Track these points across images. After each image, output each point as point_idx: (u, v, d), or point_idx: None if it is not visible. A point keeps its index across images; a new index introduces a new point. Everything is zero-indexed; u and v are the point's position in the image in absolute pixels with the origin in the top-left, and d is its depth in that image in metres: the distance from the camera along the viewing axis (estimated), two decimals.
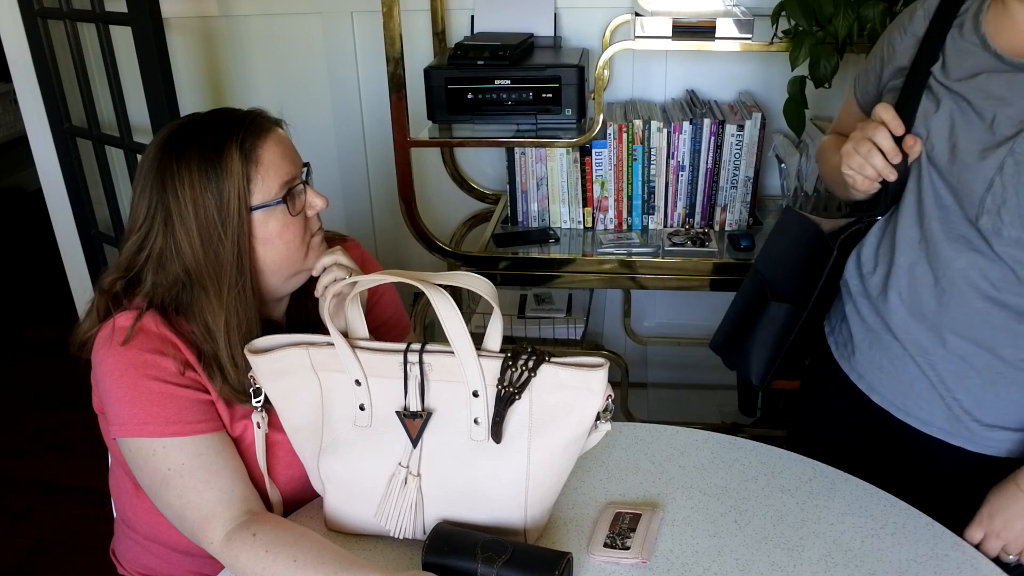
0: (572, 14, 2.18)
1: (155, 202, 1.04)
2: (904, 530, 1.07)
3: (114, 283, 1.09)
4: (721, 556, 1.03)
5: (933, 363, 1.14)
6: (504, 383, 0.96)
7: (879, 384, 1.22)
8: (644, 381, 2.56)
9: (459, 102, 1.88)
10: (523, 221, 2.14)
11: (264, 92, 2.43)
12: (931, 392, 1.15)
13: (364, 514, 1.06)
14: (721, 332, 1.37)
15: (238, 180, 1.03)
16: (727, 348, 1.37)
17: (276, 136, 1.09)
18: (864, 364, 1.23)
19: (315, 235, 1.13)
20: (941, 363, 1.13)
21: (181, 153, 1.03)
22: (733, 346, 1.35)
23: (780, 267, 1.29)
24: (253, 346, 1.03)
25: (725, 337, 1.37)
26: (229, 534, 1.01)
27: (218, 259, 1.04)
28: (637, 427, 1.28)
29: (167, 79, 1.96)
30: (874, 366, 1.22)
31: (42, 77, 2.28)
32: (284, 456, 1.11)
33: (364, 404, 1.02)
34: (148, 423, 1.03)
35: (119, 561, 1.29)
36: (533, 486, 1.01)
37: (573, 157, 2.03)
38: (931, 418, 1.16)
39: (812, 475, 1.17)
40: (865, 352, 1.23)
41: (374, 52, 2.31)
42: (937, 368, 1.14)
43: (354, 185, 2.48)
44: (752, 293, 1.32)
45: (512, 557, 0.94)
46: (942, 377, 1.14)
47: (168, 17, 2.15)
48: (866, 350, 1.22)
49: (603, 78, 1.85)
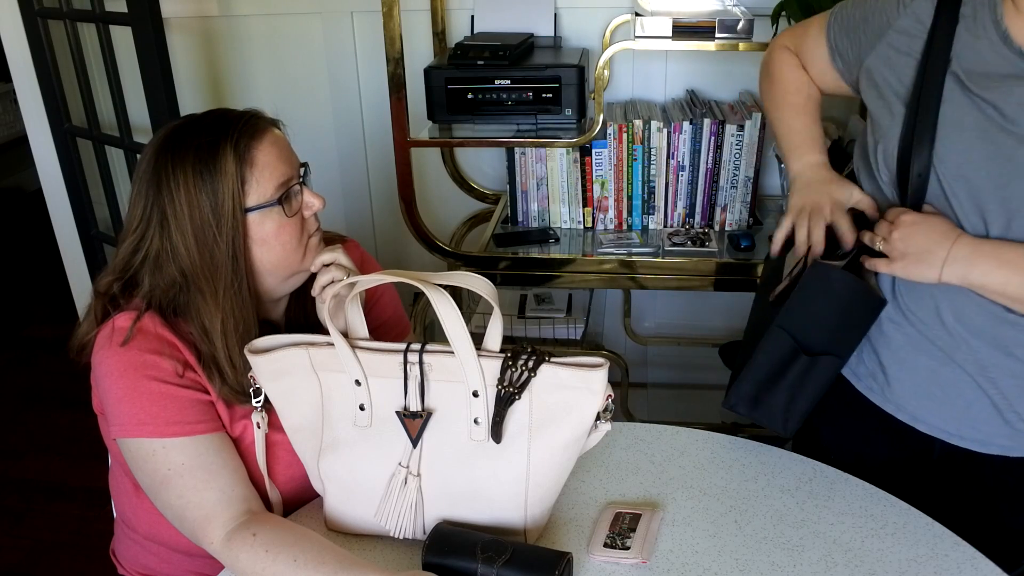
0: (572, 14, 2.18)
1: (151, 203, 1.04)
2: (904, 530, 1.07)
3: (110, 285, 1.09)
4: (721, 556, 1.03)
5: (994, 380, 1.09)
6: (504, 383, 0.96)
7: (925, 413, 1.15)
8: (644, 381, 2.57)
9: (459, 102, 1.88)
10: (523, 221, 2.14)
11: (264, 92, 2.43)
12: (991, 411, 1.11)
13: (364, 514, 1.06)
14: (740, 393, 1.21)
15: (232, 181, 1.03)
16: (748, 405, 1.22)
17: (272, 136, 1.08)
18: (905, 394, 1.16)
19: (313, 236, 1.13)
20: (1003, 379, 1.08)
21: (176, 154, 1.03)
22: (755, 403, 1.22)
23: (815, 326, 1.16)
24: (253, 346, 1.03)
25: (745, 397, 1.22)
26: (229, 534, 1.01)
27: (214, 260, 1.04)
28: (637, 427, 1.27)
29: (167, 79, 1.96)
30: (920, 394, 1.15)
31: (42, 77, 2.28)
32: (284, 456, 1.11)
33: (364, 404, 1.02)
34: (148, 423, 1.03)
35: (119, 561, 1.29)
36: (533, 486, 1.01)
37: (573, 157, 2.03)
38: (990, 438, 1.12)
39: (812, 475, 1.17)
40: (904, 381, 1.16)
41: (374, 52, 2.31)
42: (999, 385, 1.09)
43: (354, 185, 2.48)
44: (779, 353, 1.17)
45: (512, 557, 0.94)
46: (1004, 393, 1.09)
47: (168, 17, 2.15)
48: (905, 379, 1.16)
49: (603, 78, 1.86)
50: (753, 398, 1.21)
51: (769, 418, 1.20)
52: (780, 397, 1.19)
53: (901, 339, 1.14)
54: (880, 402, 1.20)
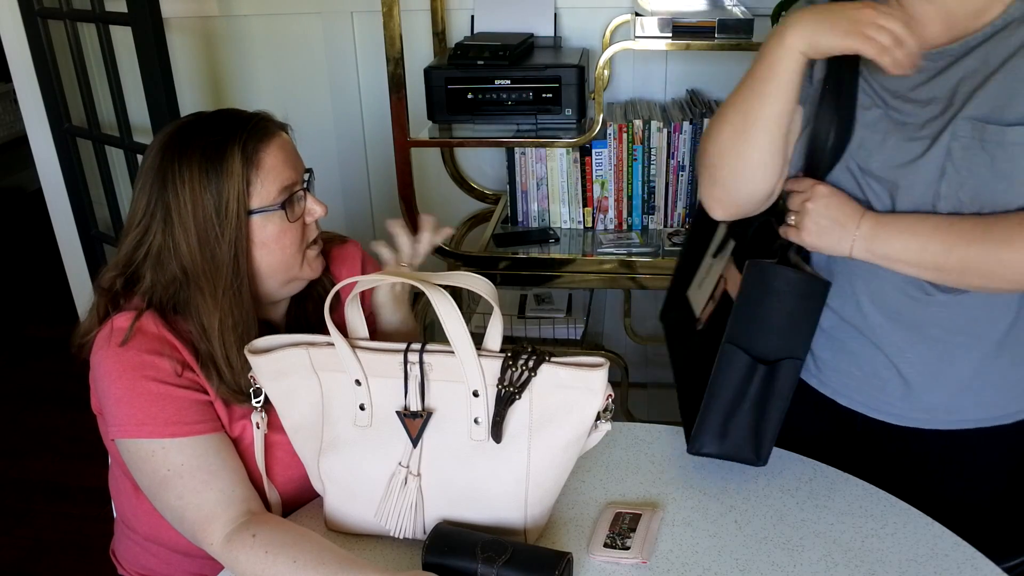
0: (572, 14, 2.18)
1: (155, 199, 1.04)
2: (904, 530, 1.07)
3: (113, 281, 1.09)
4: (721, 556, 1.03)
5: (909, 360, 1.14)
6: (504, 383, 0.96)
7: (848, 389, 1.21)
8: (644, 381, 2.56)
9: (459, 102, 1.88)
10: (523, 221, 2.14)
11: (264, 92, 2.43)
12: (905, 388, 1.15)
13: (364, 514, 1.06)
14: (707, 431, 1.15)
15: (238, 182, 1.03)
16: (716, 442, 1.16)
17: (279, 140, 1.09)
18: (828, 371, 1.22)
19: (311, 246, 1.13)
20: (916, 358, 1.13)
21: (183, 152, 1.03)
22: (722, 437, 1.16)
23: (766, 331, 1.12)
24: (253, 346, 1.03)
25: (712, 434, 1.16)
26: (229, 535, 1.01)
27: (214, 260, 1.04)
28: (637, 427, 1.27)
29: (167, 79, 1.96)
30: (842, 372, 1.20)
31: (42, 77, 2.28)
32: (283, 456, 1.11)
33: (364, 404, 1.02)
34: (146, 424, 1.03)
35: (119, 561, 1.29)
36: (533, 486, 1.01)
37: (573, 157, 2.03)
38: (906, 412, 1.17)
39: (812, 475, 1.17)
40: (828, 360, 1.22)
41: (374, 52, 2.31)
42: (914, 364, 1.14)
43: (354, 185, 2.48)
44: (736, 371, 1.12)
45: (512, 557, 0.94)
46: (918, 370, 1.14)
47: (168, 17, 2.15)
48: (828, 358, 1.21)
49: (603, 78, 1.86)
50: (720, 433, 1.15)
51: (737, 449, 1.15)
52: (744, 421, 1.14)
53: (825, 322, 1.18)
54: (805, 376, 1.24)
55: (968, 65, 1.02)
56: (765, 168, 1.08)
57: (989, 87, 1.00)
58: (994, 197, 1.01)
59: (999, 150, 1.00)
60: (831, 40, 0.99)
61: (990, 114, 1.00)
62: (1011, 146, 0.99)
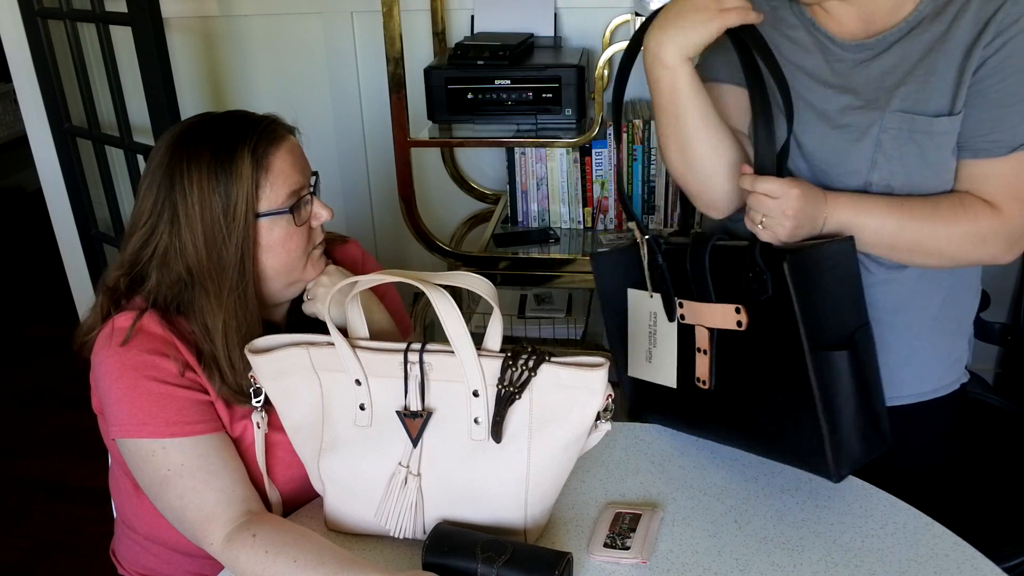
0: (572, 14, 2.18)
1: (163, 199, 1.04)
2: (904, 530, 1.07)
3: (118, 280, 1.09)
4: (721, 556, 1.03)
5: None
6: (504, 383, 0.96)
7: None
8: None
9: (459, 102, 1.88)
10: (523, 221, 2.14)
11: (264, 92, 2.43)
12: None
13: (364, 514, 1.06)
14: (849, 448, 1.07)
15: (247, 185, 1.03)
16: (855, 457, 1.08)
17: (289, 144, 1.09)
18: None
19: (316, 248, 1.13)
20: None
21: (193, 152, 1.03)
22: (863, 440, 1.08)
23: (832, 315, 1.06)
24: (253, 346, 1.03)
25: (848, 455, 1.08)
26: (229, 535, 1.01)
27: (220, 261, 1.04)
28: (637, 427, 1.28)
29: (167, 79, 1.96)
30: None
31: (42, 77, 2.28)
32: (283, 456, 1.11)
33: (364, 404, 1.02)
34: (147, 424, 1.03)
35: (119, 561, 1.29)
36: (533, 486, 1.01)
37: (573, 157, 2.03)
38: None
39: (812, 475, 1.17)
40: None
41: (374, 52, 2.31)
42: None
43: (354, 185, 2.49)
44: (840, 371, 1.05)
45: (512, 557, 0.94)
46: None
47: (168, 17, 2.15)
48: None
49: (603, 78, 1.86)
50: (855, 443, 1.07)
51: (871, 444, 1.09)
52: (863, 414, 1.08)
53: None
54: None
55: (887, 61, 1.08)
56: (724, 163, 1.11)
57: (911, 82, 1.05)
58: (923, 182, 1.07)
59: (927, 140, 1.05)
60: (696, 35, 1.01)
61: (914, 107, 1.05)
62: (938, 135, 1.05)
